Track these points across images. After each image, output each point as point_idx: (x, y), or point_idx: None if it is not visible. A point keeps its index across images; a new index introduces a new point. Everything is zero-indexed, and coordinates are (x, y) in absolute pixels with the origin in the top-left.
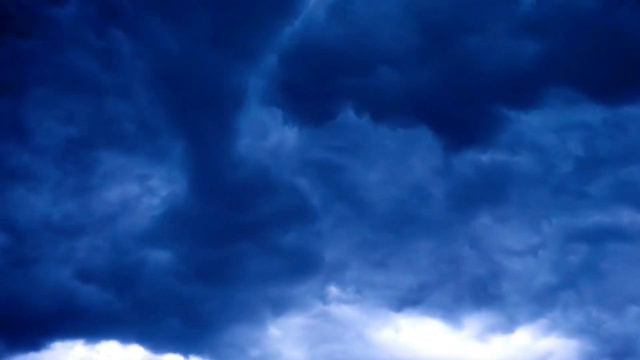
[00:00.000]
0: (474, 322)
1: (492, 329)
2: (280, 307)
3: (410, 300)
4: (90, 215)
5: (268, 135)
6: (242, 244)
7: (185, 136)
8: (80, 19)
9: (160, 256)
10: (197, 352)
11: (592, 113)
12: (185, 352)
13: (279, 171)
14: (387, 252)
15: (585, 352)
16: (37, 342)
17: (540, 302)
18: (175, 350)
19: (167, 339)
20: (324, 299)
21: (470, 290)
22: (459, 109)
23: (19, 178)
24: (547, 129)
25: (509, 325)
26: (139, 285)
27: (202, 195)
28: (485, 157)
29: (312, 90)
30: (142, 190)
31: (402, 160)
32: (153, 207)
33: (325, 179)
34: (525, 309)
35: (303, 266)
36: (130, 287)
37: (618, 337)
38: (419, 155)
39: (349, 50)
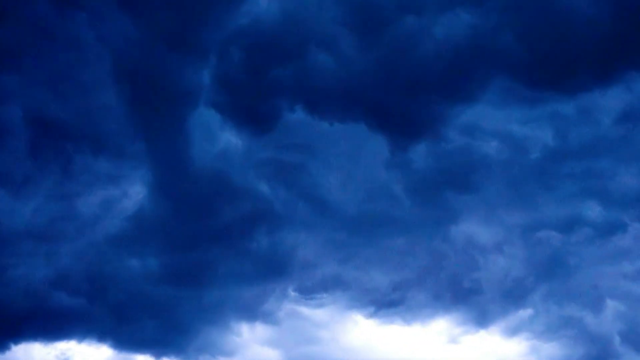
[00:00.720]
0: (444, 322)
1: (464, 328)
2: (250, 310)
3: (381, 300)
4: (65, 219)
5: (219, 140)
6: (213, 248)
7: (147, 140)
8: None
9: (133, 260)
10: (169, 354)
11: (547, 105)
12: (157, 354)
13: (239, 175)
14: (353, 252)
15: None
16: (4, 344)
17: (511, 298)
18: (147, 352)
19: (139, 340)
20: (292, 301)
21: (441, 289)
22: (400, 102)
23: None
24: (494, 120)
25: (481, 322)
26: (112, 289)
27: (168, 201)
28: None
29: (250, 86)
30: (117, 194)
31: (354, 157)
32: (125, 211)
33: (281, 180)
34: (497, 304)
35: (273, 269)
36: (103, 290)
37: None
38: (368, 152)
39: (286, 38)
